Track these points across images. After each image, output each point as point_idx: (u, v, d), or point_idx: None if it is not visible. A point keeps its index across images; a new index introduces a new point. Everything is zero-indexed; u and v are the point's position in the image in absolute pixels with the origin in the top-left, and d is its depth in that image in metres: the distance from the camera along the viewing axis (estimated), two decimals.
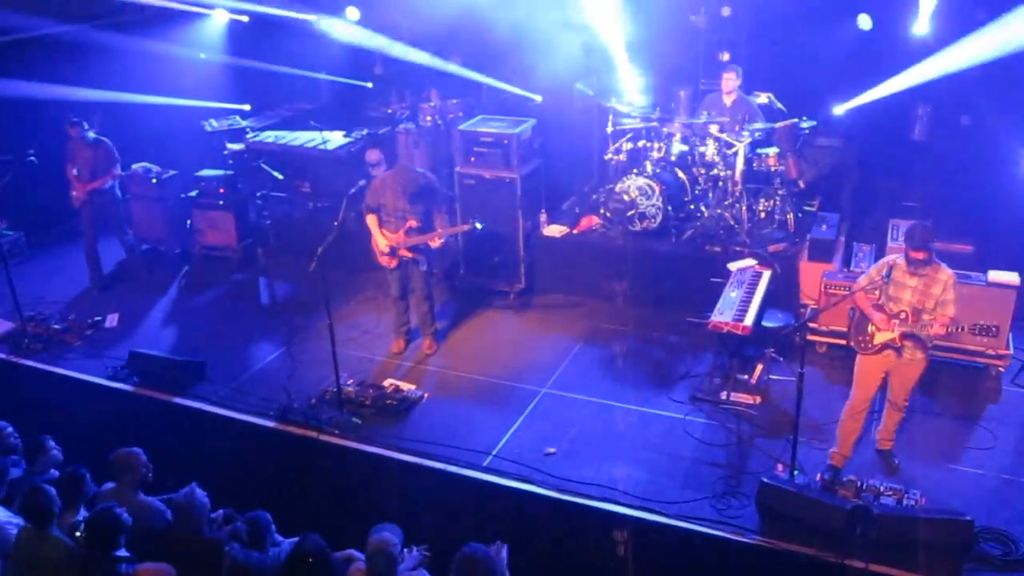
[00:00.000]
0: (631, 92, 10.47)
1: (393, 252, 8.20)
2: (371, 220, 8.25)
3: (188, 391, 8.05)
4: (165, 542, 5.46)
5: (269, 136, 11.50)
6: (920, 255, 6.13)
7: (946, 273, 6.20)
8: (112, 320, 9.48)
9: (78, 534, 5.41)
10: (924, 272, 6.19)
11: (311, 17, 12.32)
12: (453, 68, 11.63)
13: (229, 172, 11.03)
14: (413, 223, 8.11)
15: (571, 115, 11.05)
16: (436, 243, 8.26)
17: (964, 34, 9.27)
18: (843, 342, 7.67)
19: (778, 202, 9.49)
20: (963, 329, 6.21)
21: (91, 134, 9.91)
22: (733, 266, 8.43)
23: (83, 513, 5.72)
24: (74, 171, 9.88)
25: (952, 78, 9.40)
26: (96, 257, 10.23)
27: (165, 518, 5.75)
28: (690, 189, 9.65)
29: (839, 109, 10.22)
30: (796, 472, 6.48)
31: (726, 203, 9.46)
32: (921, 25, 9.72)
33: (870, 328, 6.36)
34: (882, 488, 6.39)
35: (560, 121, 10.73)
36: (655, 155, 9.74)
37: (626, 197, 9.38)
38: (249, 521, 5.51)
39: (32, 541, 5.37)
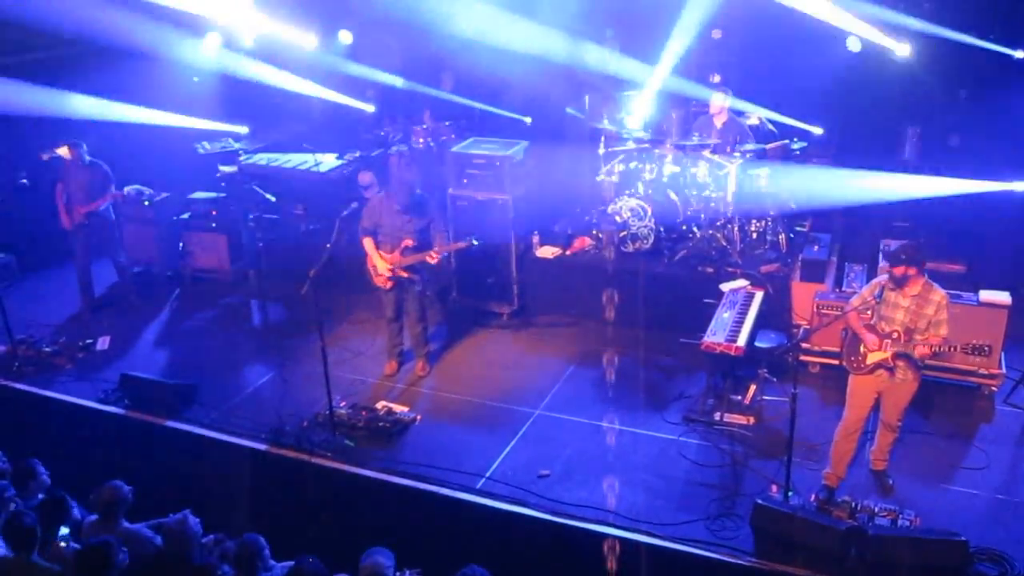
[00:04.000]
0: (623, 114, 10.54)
1: (391, 273, 8.19)
2: (368, 243, 8.23)
3: (180, 414, 8.01)
4: (156, 569, 5.41)
5: (261, 158, 11.52)
6: (896, 270, 6.15)
7: (939, 294, 6.22)
8: (103, 343, 9.44)
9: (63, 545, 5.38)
10: (916, 292, 6.21)
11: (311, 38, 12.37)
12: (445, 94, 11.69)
13: (221, 194, 11.04)
14: (409, 242, 8.10)
15: (563, 137, 11.09)
16: (433, 260, 8.25)
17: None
18: (836, 362, 7.68)
19: (770, 223, 9.53)
20: (955, 349, 6.21)
21: (87, 157, 9.86)
22: (725, 287, 8.43)
23: (67, 537, 5.68)
24: (64, 194, 9.83)
25: (940, 99, 9.50)
26: (88, 280, 10.19)
27: (153, 544, 5.70)
28: (682, 210, 9.68)
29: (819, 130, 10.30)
30: (790, 493, 6.46)
31: (718, 224, 9.49)
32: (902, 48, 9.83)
33: (862, 348, 6.37)
34: (877, 509, 6.38)
35: (552, 143, 10.76)
36: (647, 177, 9.77)
37: (618, 218, 9.41)
38: (242, 545, 5.47)
39: (18, 570, 5.31)
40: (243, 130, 12.50)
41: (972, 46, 9.58)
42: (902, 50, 9.87)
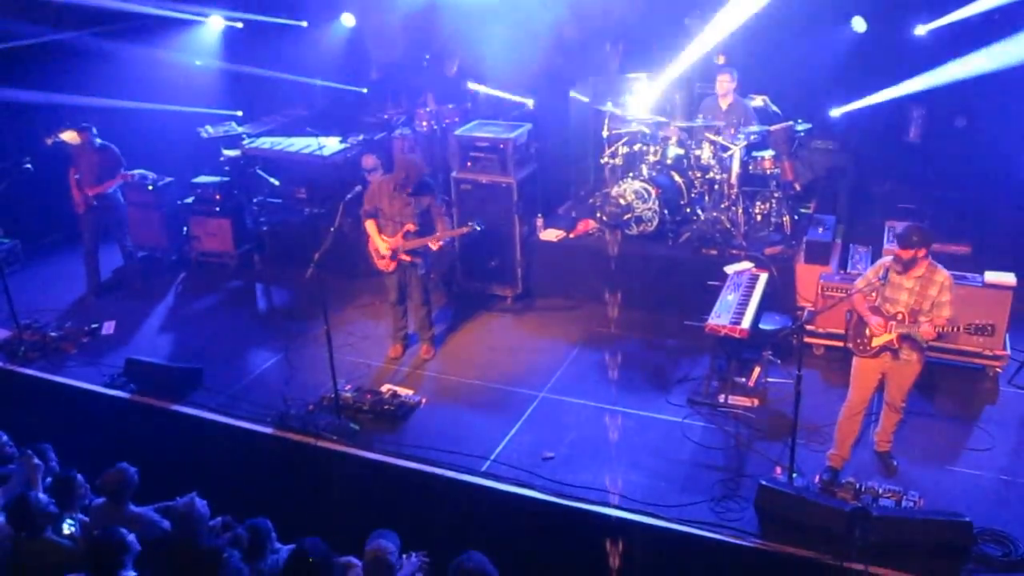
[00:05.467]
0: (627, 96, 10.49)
1: (393, 256, 8.19)
2: (370, 225, 8.24)
3: (185, 398, 8.04)
4: (163, 552, 5.44)
5: (265, 142, 11.50)
6: (905, 254, 6.13)
7: (942, 275, 6.21)
8: (109, 327, 9.46)
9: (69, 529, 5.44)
10: (920, 273, 6.20)
11: (303, 23, 12.36)
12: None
13: (225, 179, 11.03)
14: (411, 226, 8.10)
15: (567, 119, 11.05)
16: (436, 245, 8.24)
17: (958, 37, 9.34)
18: (840, 344, 7.69)
19: (774, 205, 9.51)
20: (958, 329, 6.21)
21: (98, 140, 9.88)
22: (730, 269, 8.42)
23: (80, 516, 5.74)
24: (76, 176, 9.85)
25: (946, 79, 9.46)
26: (95, 263, 10.21)
27: (160, 528, 5.73)
28: (686, 192, 9.66)
29: (836, 112, 10.25)
30: (795, 474, 6.48)
31: (722, 206, 9.47)
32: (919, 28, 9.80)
33: (867, 331, 6.36)
34: (881, 490, 6.39)
35: (556, 125, 10.72)
36: (651, 159, 9.75)
37: (622, 201, 9.38)
38: (249, 528, 5.50)
39: (29, 549, 5.36)
40: (238, 114, 12.50)
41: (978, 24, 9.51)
42: (919, 30, 9.84)
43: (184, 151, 11.75)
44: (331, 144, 11.09)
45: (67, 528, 5.60)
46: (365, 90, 12.82)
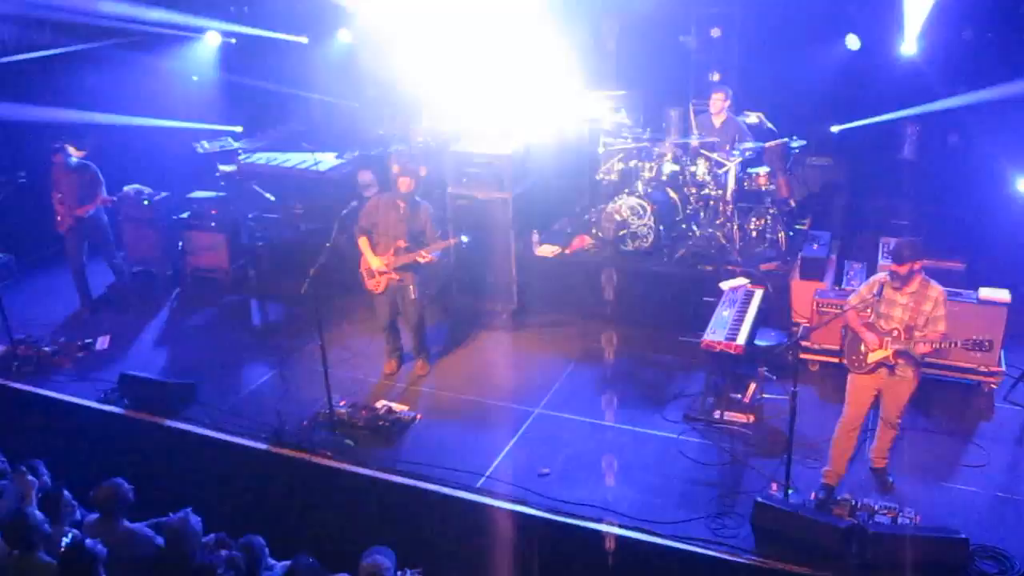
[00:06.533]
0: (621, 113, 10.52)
1: (386, 269, 8.18)
2: (363, 242, 8.23)
3: (180, 414, 8.00)
4: (155, 568, 5.41)
5: (261, 158, 11.51)
6: (901, 268, 6.15)
7: (936, 290, 6.22)
8: (103, 342, 9.44)
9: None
10: (914, 289, 6.22)
11: (303, 39, 12.40)
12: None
13: (221, 194, 11.04)
14: (402, 243, 8.10)
15: (562, 136, 11.07)
16: (424, 259, 8.20)
17: (951, 54, 9.40)
18: (836, 360, 7.69)
19: (769, 221, 9.52)
20: (955, 345, 6.22)
21: (74, 159, 9.77)
22: (725, 285, 8.43)
23: (70, 532, 5.71)
24: (59, 196, 9.78)
25: (939, 97, 9.54)
26: (84, 281, 10.16)
27: (154, 544, 5.70)
28: (681, 209, 9.69)
29: (836, 128, 10.31)
30: (790, 491, 6.47)
31: (717, 222, 9.49)
32: (909, 46, 9.85)
33: (863, 347, 6.36)
34: (877, 507, 6.38)
35: (551, 142, 10.74)
36: (646, 175, 9.78)
37: (618, 217, 9.41)
38: (242, 546, 5.47)
39: (20, 567, 5.32)
40: (237, 129, 12.52)
41: (972, 42, 9.59)
42: (908, 48, 9.91)
43: (180, 166, 11.76)
44: (327, 160, 11.12)
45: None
46: (357, 104, 12.85)
